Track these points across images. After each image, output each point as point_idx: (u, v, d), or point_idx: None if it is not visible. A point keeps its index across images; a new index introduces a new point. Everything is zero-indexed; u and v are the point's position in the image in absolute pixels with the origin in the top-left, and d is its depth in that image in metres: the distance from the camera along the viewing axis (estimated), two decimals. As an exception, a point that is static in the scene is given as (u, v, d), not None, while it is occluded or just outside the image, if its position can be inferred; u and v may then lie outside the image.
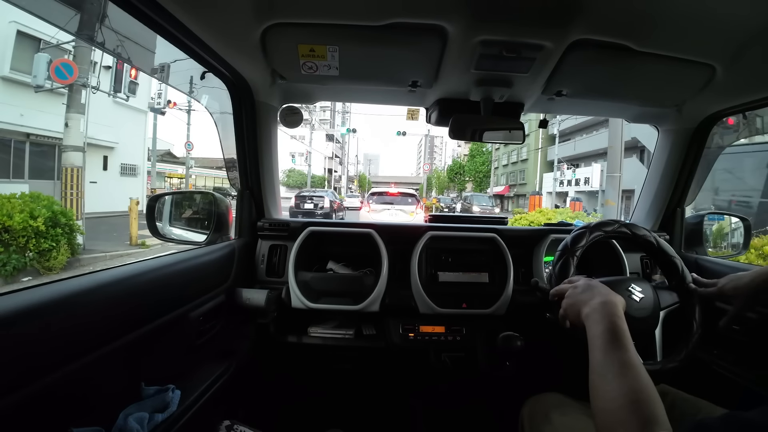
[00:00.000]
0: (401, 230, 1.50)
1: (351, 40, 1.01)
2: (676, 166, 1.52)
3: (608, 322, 0.62)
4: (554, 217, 8.43)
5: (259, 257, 1.45)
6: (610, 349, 0.57)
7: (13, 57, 10.22)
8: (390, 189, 10.77)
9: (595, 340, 0.61)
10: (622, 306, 0.68)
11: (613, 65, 1.08)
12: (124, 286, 0.80)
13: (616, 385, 0.51)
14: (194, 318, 1.03)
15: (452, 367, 1.40)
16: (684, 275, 0.99)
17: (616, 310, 0.65)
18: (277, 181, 1.59)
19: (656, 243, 1.01)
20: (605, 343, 0.59)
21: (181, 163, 22.39)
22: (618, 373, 0.53)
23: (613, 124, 6.76)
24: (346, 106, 49.11)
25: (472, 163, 41.54)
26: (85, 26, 1.65)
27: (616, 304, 0.67)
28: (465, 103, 1.33)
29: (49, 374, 0.60)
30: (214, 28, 0.95)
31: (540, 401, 0.99)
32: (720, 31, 0.90)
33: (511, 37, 0.95)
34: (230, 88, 1.32)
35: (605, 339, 0.59)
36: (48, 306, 0.62)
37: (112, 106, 12.46)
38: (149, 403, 0.84)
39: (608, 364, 0.55)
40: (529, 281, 1.15)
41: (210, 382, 1.05)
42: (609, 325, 0.62)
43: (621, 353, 0.56)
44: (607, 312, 0.65)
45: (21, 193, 5.60)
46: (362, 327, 1.46)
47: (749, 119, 1.44)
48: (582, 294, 0.73)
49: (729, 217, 1.79)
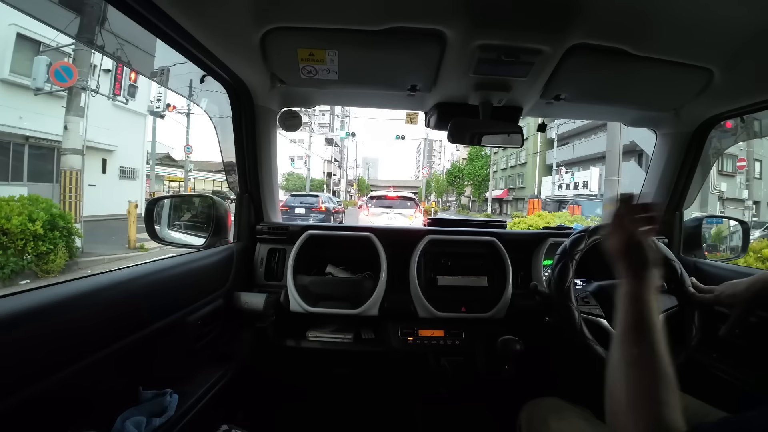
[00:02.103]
0: (400, 234, 1.49)
1: (350, 44, 1.01)
2: (674, 170, 1.53)
3: (632, 310, 0.57)
4: (553, 220, 8.44)
5: (258, 261, 1.45)
6: (626, 341, 0.54)
7: (12, 59, 10.24)
8: (389, 193, 10.77)
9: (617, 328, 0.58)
10: (656, 285, 0.61)
11: (611, 69, 1.09)
12: (122, 289, 0.79)
13: (623, 384, 0.50)
14: (192, 322, 1.03)
15: (451, 371, 1.40)
16: (683, 279, 0.99)
17: (644, 294, 0.59)
18: (276, 184, 1.59)
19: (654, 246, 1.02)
20: (622, 334, 0.56)
21: (180, 167, 22.36)
22: (625, 371, 0.51)
23: (611, 128, 6.78)
24: (345, 110, 49.33)
25: (471, 167, 41.51)
26: (85, 29, 1.66)
27: (647, 287, 0.60)
28: (464, 107, 1.34)
29: (46, 378, 0.60)
30: (213, 31, 0.95)
31: (538, 406, 0.98)
32: (717, 35, 0.91)
33: (510, 41, 0.96)
34: (230, 92, 1.32)
35: (623, 330, 0.56)
36: (45, 309, 0.61)
37: (112, 109, 12.45)
38: (147, 407, 0.83)
39: (619, 358, 0.53)
40: (528, 285, 1.15)
41: (208, 386, 1.04)
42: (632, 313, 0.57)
43: (634, 347, 0.53)
44: (632, 297, 0.59)
45: (20, 196, 5.58)
46: (361, 331, 1.46)
47: (747, 122, 1.44)
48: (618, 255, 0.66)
49: (727, 220, 1.79)
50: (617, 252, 0.66)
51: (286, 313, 1.35)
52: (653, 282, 0.61)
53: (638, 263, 0.62)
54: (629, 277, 0.62)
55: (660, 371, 0.49)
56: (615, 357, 0.54)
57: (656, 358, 0.51)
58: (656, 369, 0.49)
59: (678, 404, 0.46)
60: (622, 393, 0.49)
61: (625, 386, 0.49)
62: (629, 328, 0.55)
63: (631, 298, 0.59)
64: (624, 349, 0.53)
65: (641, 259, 0.63)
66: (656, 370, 0.49)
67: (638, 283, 0.60)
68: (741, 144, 15.13)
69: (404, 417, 1.57)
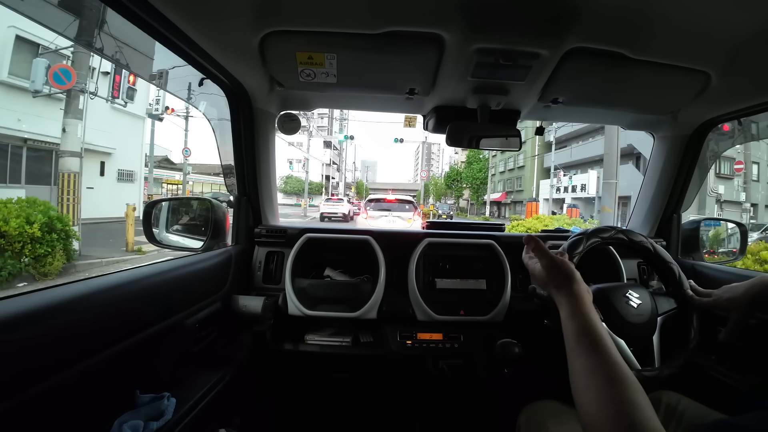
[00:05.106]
0: (399, 237, 1.49)
1: (349, 48, 1.01)
2: (672, 173, 1.53)
3: (579, 320, 0.61)
4: (551, 223, 8.45)
5: (256, 264, 1.44)
6: (580, 354, 0.56)
7: (11, 62, 10.25)
8: (387, 196, 10.78)
9: (567, 337, 0.61)
10: (589, 296, 0.68)
11: (609, 73, 1.09)
12: (120, 292, 0.79)
13: (591, 392, 0.51)
14: (190, 325, 1.02)
15: (450, 374, 1.39)
16: (681, 281, 0.99)
17: (583, 306, 0.64)
18: (275, 187, 1.59)
19: (653, 249, 1.02)
20: (575, 344, 0.58)
21: (178, 170, 22.35)
22: (588, 379, 0.52)
23: (609, 131, 6.82)
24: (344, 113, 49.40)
25: (469, 170, 41.61)
26: (84, 32, 1.66)
27: (583, 296, 0.66)
28: (462, 110, 1.34)
29: (43, 381, 0.60)
30: (212, 35, 0.95)
31: (537, 409, 0.98)
32: (714, 39, 0.91)
33: (508, 45, 0.96)
34: (228, 95, 1.32)
35: (575, 340, 0.59)
36: (42, 312, 0.61)
37: (110, 112, 12.48)
38: (144, 410, 0.82)
39: (579, 367, 0.55)
40: (527, 288, 1.15)
41: (206, 389, 1.04)
42: (579, 322, 0.61)
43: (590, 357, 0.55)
44: (575, 308, 0.64)
45: (17, 198, 5.57)
46: (359, 334, 1.45)
47: (744, 125, 1.45)
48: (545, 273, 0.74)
49: (725, 222, 1.80)
50: (544, 275, 0.74)
51: (285, 317, 1.34)
52: (585, 295, 0.67)
53: (562, 280, 0.70)
54: (561, 295, 0.68)
55: (620, 376, 0.50)
56: (575, 368, 0.56)
57: (613, 364, 0.52)
58: (616, 374, 0.51)
59: (649, 405, 0.47)
60: (593, 400, 0.49)
61: (592, 393, 0.50)
62: (578, 340, 0.58)
63: (569, 313, 0.64)
64: (580, 361, 0.56)
65: (563, 276, 0.71)
66: (616, 375, 0.50)
67: (572, 299, 0.65)
68: (738, 147, 15.21)
69: (403, 421, 1.57)
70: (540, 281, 0.75)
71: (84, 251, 6.83)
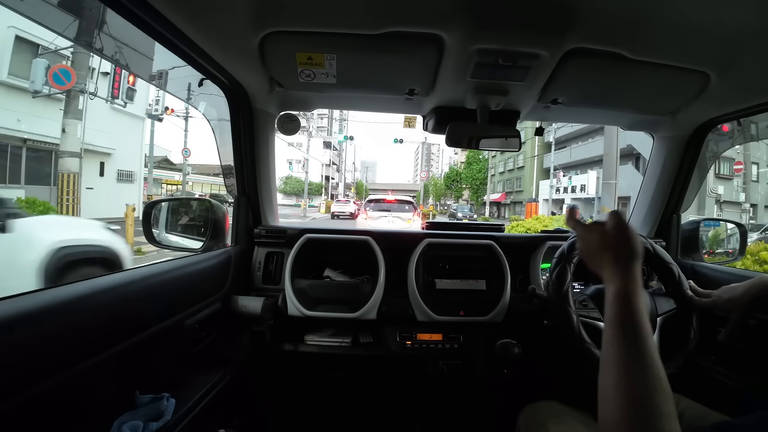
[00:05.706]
0: (398, 237, 1.49)
1: (349, 48, 1.01)
2: (671, 173, 1.53)
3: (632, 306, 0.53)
4: (551, 224, 8.45)
5: (256, 264, 1.44)
6: (616, 344, 0.50)
7: (11, 62, 10.22)
8: (387, 196, 10.77)
9: (611, 322, 0.53)
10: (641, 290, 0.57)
11: (609, 73, 1.09)
12: (120, 292, 0.79)
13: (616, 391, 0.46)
14: (190, 325, 1.02)
15: (450, 374, 1.39)
16: (680, 282, 0.99)
17: (635, 290, 0.55)
18: (275, 188, 1.59)
19: (653, 249, 1.02)
20: (613, 335, 0.52)
21: (178, 170, 22.35)
22: (617, 375, 0.47)
23: (609, 132, 6.81)
24: (343, 113, 49.40)
25: (469, 170, 41.59)
26: (84, 32, 1.66)
27: (636, 283, 0.56)
28: (461, 111, 1.34)
29: (43, 381, 0.60)
30: (212, 35, 0.95)
31: (536, 410, 0.98)
32: (713, 39, 0.91)
33: (507, 46, 0.96)
34: (228, 96, 1.32)
35: (613, 330, 0.52)
36: (42, 312, 0.61)
37: (110, 113, 12.46)
38: (143, 411, 0.82)
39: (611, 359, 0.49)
40: (527, 288, 1.15)
41: (205, 390, 1.04)
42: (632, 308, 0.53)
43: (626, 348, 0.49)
44: (622, 295, 0.55)
45: (17, 199, 5.57)
46: (359, 335, 1.45)
47: (744, 125, 1.45)
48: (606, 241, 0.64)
49: (725, 222, 1.80)
50: (601, 247, 0.64)
51: (284, 317, 1.34)
52: (639, 277, 0.58)
53: (627, 255, 0.59)
54: (617, 273, 0.58)
55: (654, 376, 0.46)
56: (607, 359, 0.51)
57: (650, 360, 0.47)
58: (649, 372, 0.46)
59: (675, 413, 0.43)
60: (615, 402, 0.45)
61: (619, 393, 0.46)
62: (620, 329, 0.52)
63: (621, 296, 0.55)
64: (614, 351, 0.50)
65: (630, 250, 0.60)
66: (649, 374, 0.46)
67: (628, 279, 0.57)
68: (738, 147, 15.21)
69: (403, 421, 1.56)
70: (591, 250, 0.67)
71: (83, 251, 6.81)
